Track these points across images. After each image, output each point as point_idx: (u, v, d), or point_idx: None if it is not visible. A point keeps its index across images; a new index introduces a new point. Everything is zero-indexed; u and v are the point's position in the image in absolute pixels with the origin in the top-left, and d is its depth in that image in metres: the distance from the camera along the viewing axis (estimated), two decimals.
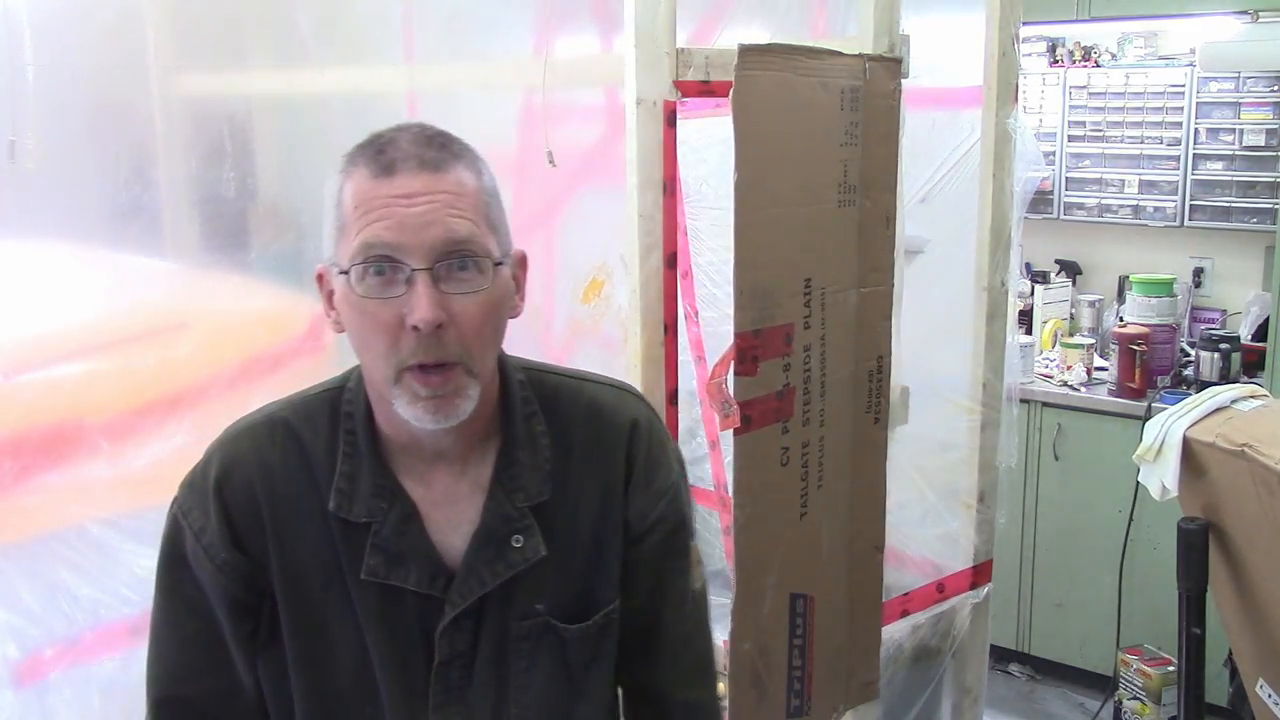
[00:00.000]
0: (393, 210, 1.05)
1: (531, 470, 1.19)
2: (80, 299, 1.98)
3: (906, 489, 2.51)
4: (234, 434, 1.20)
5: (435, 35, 2.36)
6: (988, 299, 2.49)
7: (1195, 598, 2.12)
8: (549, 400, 1.22)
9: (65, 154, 2.02)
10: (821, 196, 1.96)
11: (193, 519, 1.18)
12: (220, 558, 1.16)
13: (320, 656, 1.18)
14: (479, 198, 1.10)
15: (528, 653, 1.20)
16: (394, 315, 1.06)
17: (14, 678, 1.77)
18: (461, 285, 1.07)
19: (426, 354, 1.06)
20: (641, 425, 1.25)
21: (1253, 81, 3.72)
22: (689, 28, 2.11)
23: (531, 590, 1.19)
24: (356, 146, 1.11)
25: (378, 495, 1.15)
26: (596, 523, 1.22)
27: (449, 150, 1.09)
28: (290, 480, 1.17)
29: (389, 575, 1.15)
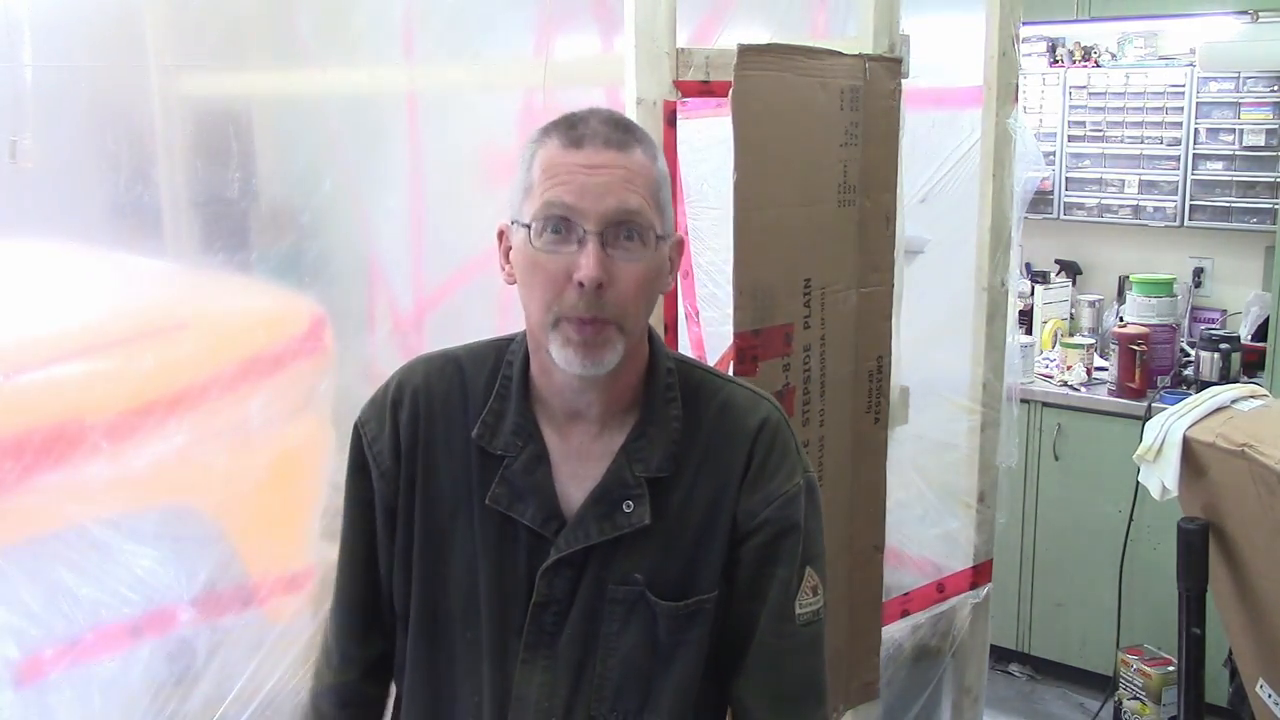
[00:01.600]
0: (576, 177, 1.18)
1: (658, 446, 1.28)
2: (80, 299, 1.97)
3: (906, 489, 2.51)
4: (414, 363, 1.37)
5: (436, 35, 2.36)
6: (988, 299, 2.49)
7: (1195, 598, 2.12)
8: (690, 390, 1.32)
9: (64, 154, 2.01)
10: (821, 196, 1.96)
11: (370, 429, 1.34)
12: (385, 464, 1.32)
13: (438, 574, 1.30)
14: (652, 179, 1.23)
15: (620, 616, 1.28)
16: (562, 269, 1.18)
17: (14, 678, 1.77)
18: (625, 253, 1.20)
19: (586, 309, 1.18)
20: (768, 428, 1.31)
21: (1253, 81, 3.72)
22: (689, 28, 2.11)
23: (634, 559, 1.27)
24: (550, 122, 1.24)
25: (517, 434, 1.28)
26: (708, 511, 1.29)
27: (632, 134, 1.23)
28: (449, 408, 1.31)
29: (510, 507, 1.27)
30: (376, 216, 2.39)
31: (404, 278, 2.45)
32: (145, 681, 1.87)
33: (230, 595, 1.99)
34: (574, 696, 1.29)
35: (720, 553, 1.30)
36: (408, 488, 1.31)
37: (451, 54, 2.39)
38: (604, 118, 1.23)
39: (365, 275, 2.44)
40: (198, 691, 1.90)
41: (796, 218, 1.92)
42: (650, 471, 1.27)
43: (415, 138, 2.39)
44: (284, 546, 2.15)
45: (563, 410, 1.29)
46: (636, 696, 1.30)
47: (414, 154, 2.39)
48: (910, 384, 2.33)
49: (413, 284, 2.45)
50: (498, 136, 2.36)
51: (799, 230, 1.93)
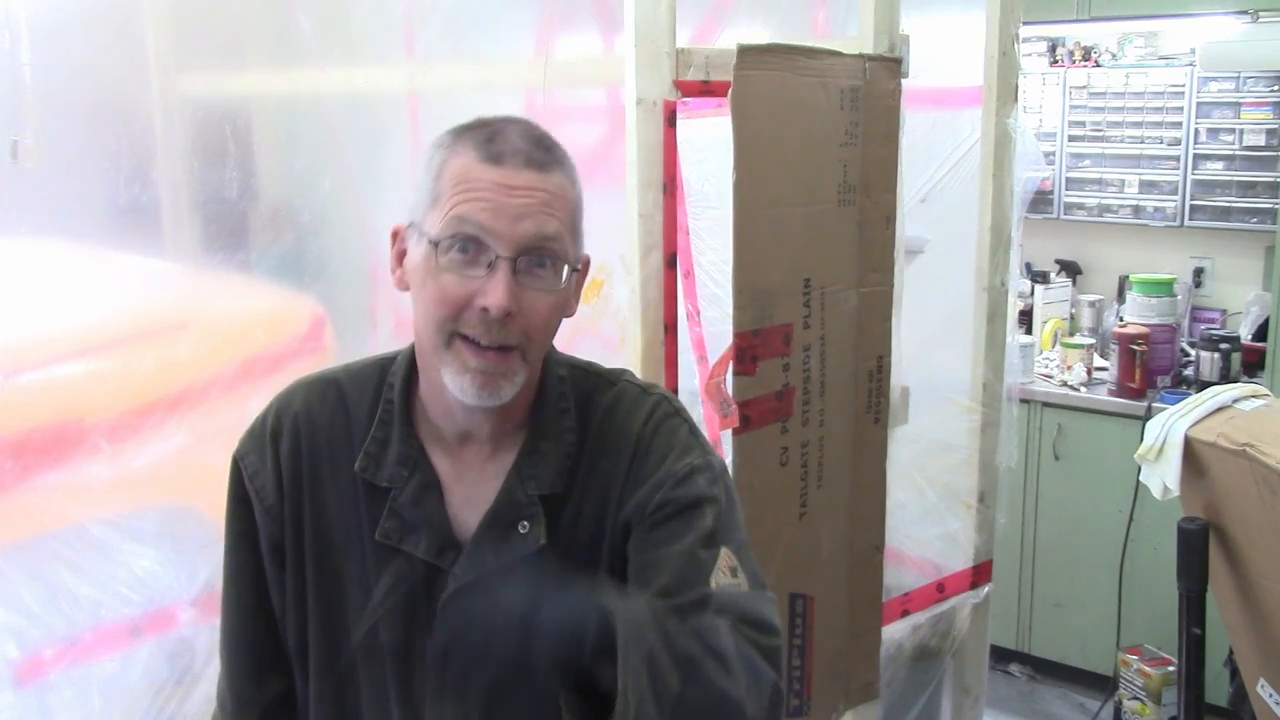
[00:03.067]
0: (493, 196, 1.10)
1: (551, 462, 1.21)
2: (80, 299, 1.97)
3: (907, 489, 2.51)
4: (291, 389, 1.27)
5: (436, 35, 2.36)
6: (988, 299, 2.49)
7: (1195, 598, 2.12)
8: (584, 397, 1.25)
9: (64, 154, 2.01)
10: (821, 196, 1.96)
11: (248, 462, 1.25)
12: (269, 500, 1.23)
13: (336, 614, 1.23)
14: (570, 204, 1.16)
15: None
16: (466, 292, 1.11)
17: (14, 678, 1.77)
18: (537, 281, 1.13)
19: (488, 335, 1.11)
20: (653, 420, 1.23)
21: (1253, 81, 3.72)
22: (690, 28, 2.11)
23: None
24: (463, 127, 1.16)
25: (402, 463, 1.20)
26: (596, 521, 1.22)
27: (553, 155, 1.15)
28: (332, 438, 1.23)
29: (401, 541, 1.19)
30: (377, 216, 2.39)
31: None
32: (145, 681, 1.87)
33: None
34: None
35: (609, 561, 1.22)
36: (294, 525, 1.23)
37: (452, 54, 2.39)
38: (524, 132, 1.15)
39: (366, 275, 2.43)
40: (198, 691, 1.90)
41: (796, 218, 1.92)
42: (544, 489, 1.20)
43: (416, 138, 2.38)
44: None
45: (451, 433, 1.21)
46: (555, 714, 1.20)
47: (415, 154, 2.38)
48: (910, 384, 2.33)
49: None
50: None
51: (799, 230, 1.93)
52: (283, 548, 1.24)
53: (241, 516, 1.27)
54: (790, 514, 2.00)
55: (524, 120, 1.18)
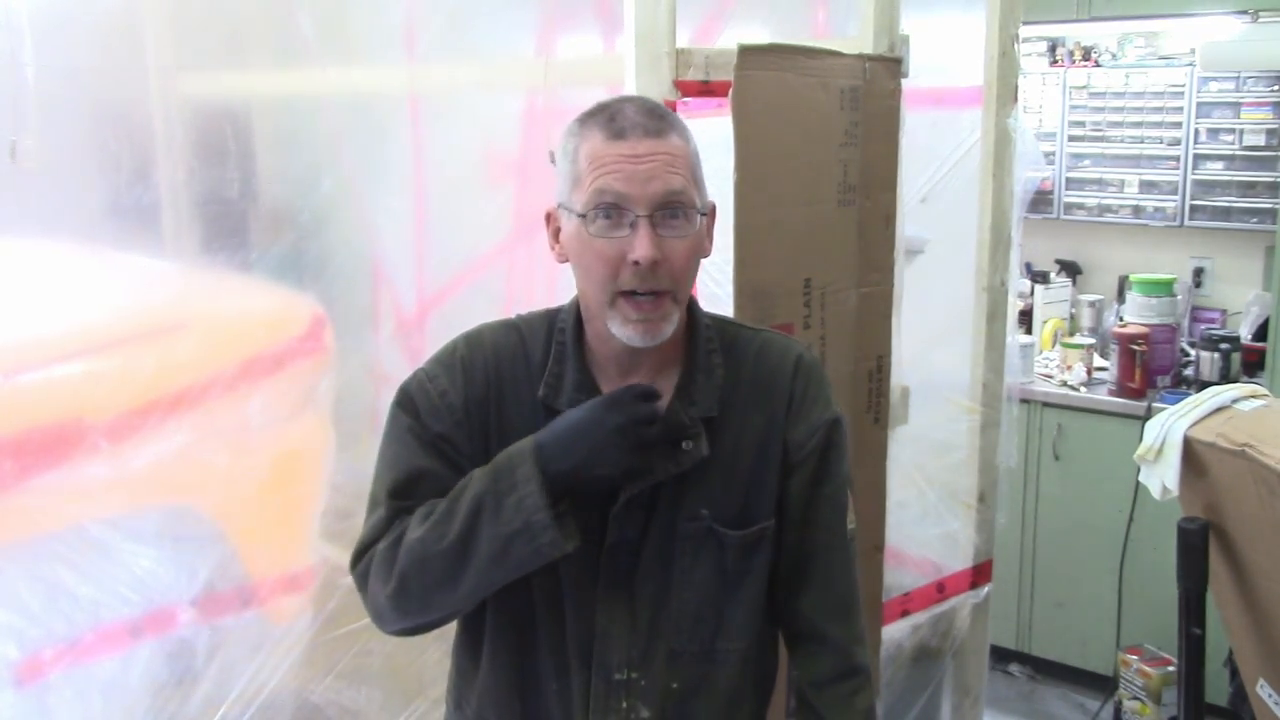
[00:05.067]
0: (623, 166, 1.28)
1: (706, 391, 1.38)
2: (80, 299, 1.97)
3: (907, 489, 2.51)
4: (478, 329, 1.44)
5: (437, 35, 2.36)
6: (988, 299, 2.49)
7: (1195, 598, 2.12)
8: (728, 341, 1.43)
9: (65, 154, 2.02)
10: (821, 196, 1.96)
11: (438, 382, 1.39)
12: (459, 414, 1.38)
13: None
14: (689, 159, 1.33)
15: (691, 551, 1.38)
16: (617, 251, 1.28)
17: (14, 678, 1.77)
18: (673, 230, 1.29)
19: (643, 283, 1.28)
20: (804, 364, 1.44)
21: (1253, 81, 3.72)
22: (690, 28, 2.11)
23: (699, 496, 1.37)
24: (587, 114, 1.33)
25: (579, 390, 1.36)
26: (759, 445, 1.40)
27: (666, 120, 1.32)
28: (515, 368, 1.40)
29: None
30: (378, 216, 2.39)
31: (407, 277, 2.45)
32: (145, 681, 1.87)
33: (230, 595, 1.99)
34: (654, 630, 1.38)
35: (774, 482, 1.41)
36: (480, 440, 1.38)
37: (453, 54, 2.39)
38: (639, 107, 1.32)
39: (368, 275, 2.44)
40: (198, 692, 1.90)
41: (796, 218, 1.92)
42: (703, 412, 1.37)
43: (417, 138, 2.39)
44: (284, 547, 2.15)
45: (617, 370, 1.38)
46: (711, 625, 1.40)
47: (416, 154, 2.39)
48: (910, 384, 2.33)
49: (415, 284, 2.45)
50: (500, 136, 2.36)
51: (799, 230, 1.93)
52: (468, 460, 1.37)
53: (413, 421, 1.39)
54: None
55: (637, 97, 1.38)
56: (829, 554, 1.45)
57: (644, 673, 1.38)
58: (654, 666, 1.39)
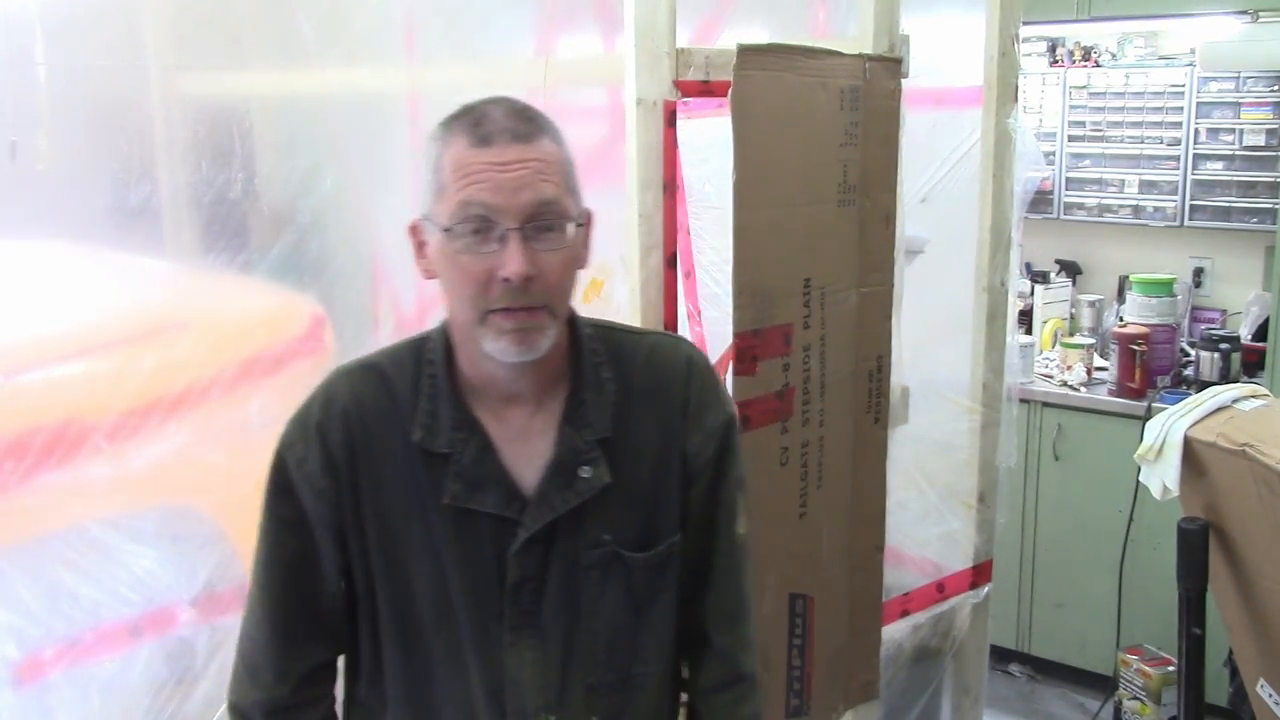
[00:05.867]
0: (490, 175, 1.19)
1: (597, 409, 1.31)
2: (81, 299, 1.97)
3: (907, 489, 2.51)
4: (333, 377, 1.34)
5: (437, 35, 2.36)
6: (988, 299, 2.49)
7: (1195, 598, 2.12)
8: (614, 350, 1.35)
9: (65, 154, 2.02)
10: (821, 196, 1.96)
11: (294, 451, 1.30)
12: (319, 485, 1.29)
13: (402, 580, 1.30)
14: (562, 165, 1.24)
15: (597, 580, 1.32)
16: (486, 268, 1.19)
17: (14, 678, 1.77)
18: (546, 243, 1.21)
19: (515, 300, 1.20)
20: (696, 367, 1.38)
21: (1253, 81, 3.72)
22: (690, 28, 2.11)
23: (599, 521, 1.31)
24: (451, 118, 1.24)
25: (457, 428, 1.28)
26: (657, 458, 1.34)
27: (536, 123, 1.23)
28: (380, 417, 1.30)
29: (469, 500, 1.28)
30: (378, 216, 2.39)
31: (407, 277, 2.45)
32: (145, 681, 1.87)
33: (230, 595, 1.99)
34: (567, 668, 1.32)
35: (677, 494, 1.35)
36: (352, 504, 1.30)
37: (452, 54, 2.39)
38: (506, 110, 1.23)
39: (368, 275, 2.43)
40: (198, 691, 1.90)
41: (796, 218, 1.92)
42: (598, 433, 1.30)
43: (416, 138, 2.38)
44: None
45: (497, 396, 1.30)
46: (626, 652, 1.35)
47: (416, 154, 2.38)
48: (910, 384, 2.33)
49: (415, 284, 2.44)
50: None
51: (799, 230, 1.93)
52: (341, 528, 1.30)
53: (282, 503, 1.32)
54: (790, 514, 2.00)
55: (504, 98, 1.26)
56: (720, 558, 1.41)
57: (562, 713, 1.33)
58: (572, 705, 1.33)
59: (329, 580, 1.33)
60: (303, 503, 1.30)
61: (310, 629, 1.36)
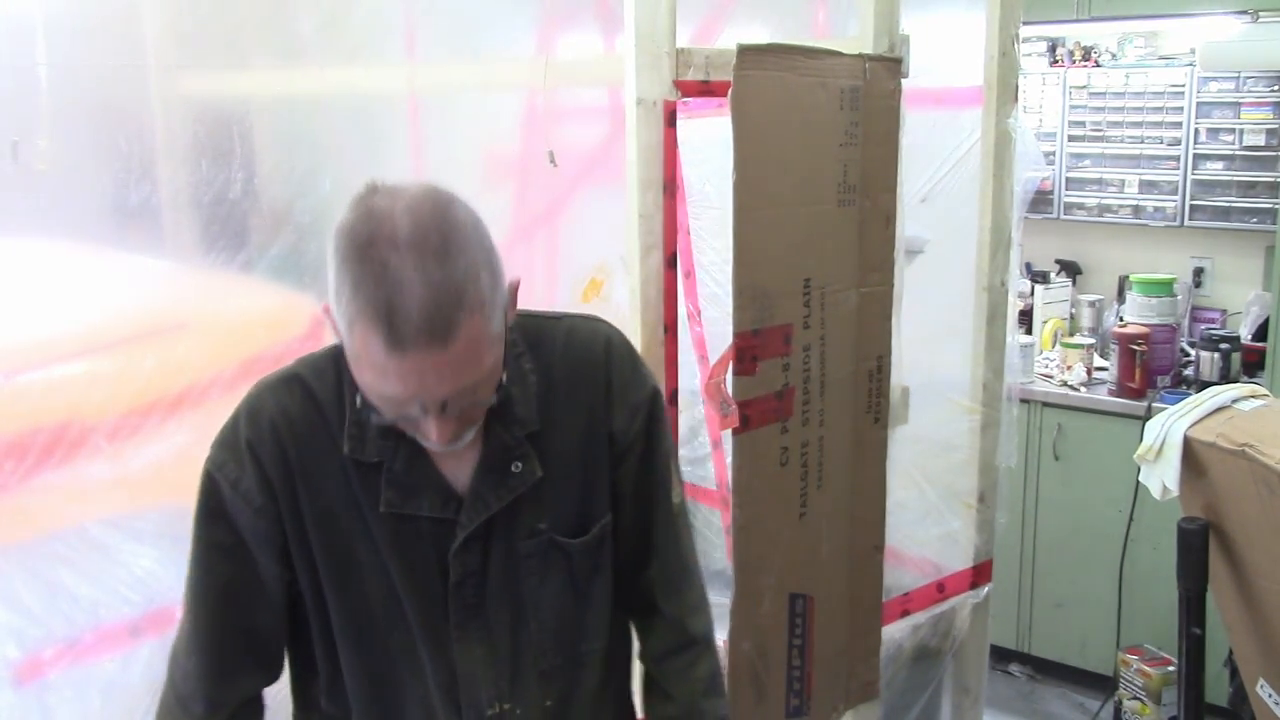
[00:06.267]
0: (406, 380, 1.11)
1: (523, 404, 1.31)
2: (80, 299, 1.97)
3: (907, 489, 2.51)
4: (256, 393, 1.31)
5: (437, 35, 2.36)
6: (988, 299, 2.49)
7: (1195, 598, 2.12)
8: (532, 338, 1.34)
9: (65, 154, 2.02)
10: (821, 196, 1.96)
11: (227, 471, 1.28)
12: (257, 502, 1.28)
13: (351, 587, 1.31)
14: (480, 346, 1.13)
15: (537, 569, 1.34)
16: (407, 425, 1.20)
17: (14, 678, 1.77)
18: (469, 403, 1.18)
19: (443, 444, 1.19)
20: (614, 346, 1.38)
21: (1253, 81, 3.72)
22: (690, 28, 2.11)
23: (533, 512, 1.32)
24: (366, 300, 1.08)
25: (385, 437, 1.26)
26: (584, 443, 1.35)
27: (454, 317, 1.09)
28: (309, 428, 1.28)
29: (404, 506, 1.28)
30: None
31: None
32: (145, 681, 1.86)
33: None
34: (517, 656, 1.35)
35: (606, 476, 1.37)
36: (293, 518, 1.29)
37: (453, 54, 2.39)
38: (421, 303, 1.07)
39: None
40: None
41: (796, 218, 1.92)
42: (526, 429, 1.30)
43: (416, 138, 2.38)
44: None
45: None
46: (571, 633, 1.38)
47: (415, 154, 2.38)
48: (910, 384, 2.33)
49: None
50: (500, 137, 2.36)
51: (799, 230, 1.93)
52: (284, 543, 1.30)
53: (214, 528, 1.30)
54: (790, 514, 2.00)
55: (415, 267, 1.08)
56: (658, 530, 1.43)
57: (516, 701, 1.35)
58: (525, 692, 1.36)
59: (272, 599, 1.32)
60: (238, 524, 1.29)
61: (243, 659, 1.35)
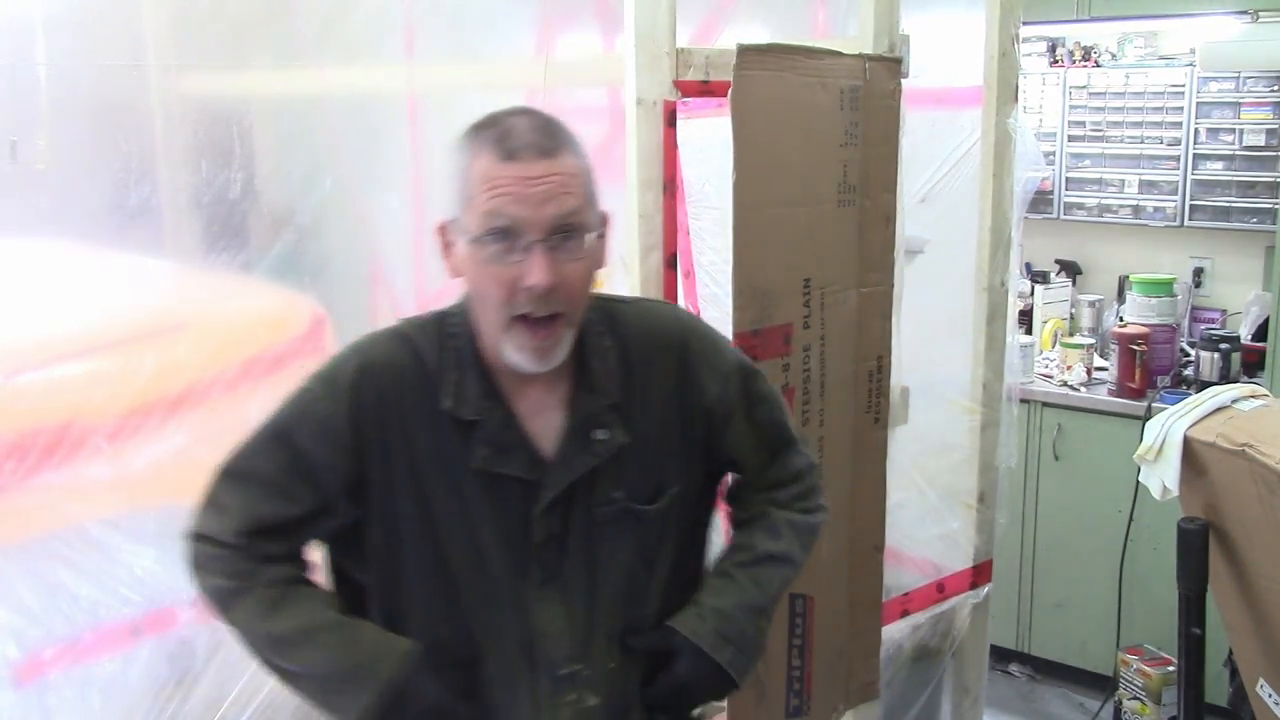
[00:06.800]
0: (515, 189, 1.25)
1: (604, 376, 1.40)
2: (80, 299, 1.97)
3: (907, 489, 2.51)
4: (366, 343, 1.40)
5: (436, 35, 2.36)
6: (988, 299, 2.49)
7: (1195, 598, 2.12)
8: (610, 319, 1.43)
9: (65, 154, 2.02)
10: (821, 196, 1.96)
11: (322, 406, 1.35)
12: (344, 441, 1.33)
13: (433, 536, 1.36)
14: (583, 177, 1.30)
15: (611, 535, 1.40)
16: (511, 276, 1.26)
17: (14, 678, 1.77)
18: (569, 254, 1.28)
19: (538, 308, 1.27)
20: (688, 324, 1.49)
21: (1253, 81, 3.72)
22: (690, 28, 2.11)
23: (611, 480, 1.39)
24: (476, 128, 1.29)
25: (484, 397, 1.35)
26: (662, 416, 1.42)
27: (559, 138, 1.29)
28: (412, 382, 1.36)
29: (496, 464, 1.35)
30: (377, 217, 2.39)
31: (405, 278, 2.45)
32: (145, 681, 1.87)
33: None
34: (590, 618, 1.41)
35: (679, 449, 1.44)
36: (383, 466, 1.35)
37: (452, 54, 2.39)
38: (531, 124, 1.28)
39: (367, 275, 2.43)
40: (198, 692, 1.90)
41: (796, 218, 1.92)
42: (610, 398, 1.39)
43: (416, 138, 2.39)
44: None
45: (516, 373, 1.36)
46: (639, 599, 1.44)
47: (415, 154, 2.39)
48: (910, 384, 2.33)
49: (414, 284, 2.44)
50: None
51: (799, 230, 1.93)
52: (358, 483, 1.34)
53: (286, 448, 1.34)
54: None
55: (529, 111, 1.32)
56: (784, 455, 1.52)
57: (587, 662, 1.41)
58: (596, 653, 1.41)
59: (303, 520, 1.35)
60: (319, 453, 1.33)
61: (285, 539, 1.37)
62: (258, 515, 1.33)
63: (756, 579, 1.47)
